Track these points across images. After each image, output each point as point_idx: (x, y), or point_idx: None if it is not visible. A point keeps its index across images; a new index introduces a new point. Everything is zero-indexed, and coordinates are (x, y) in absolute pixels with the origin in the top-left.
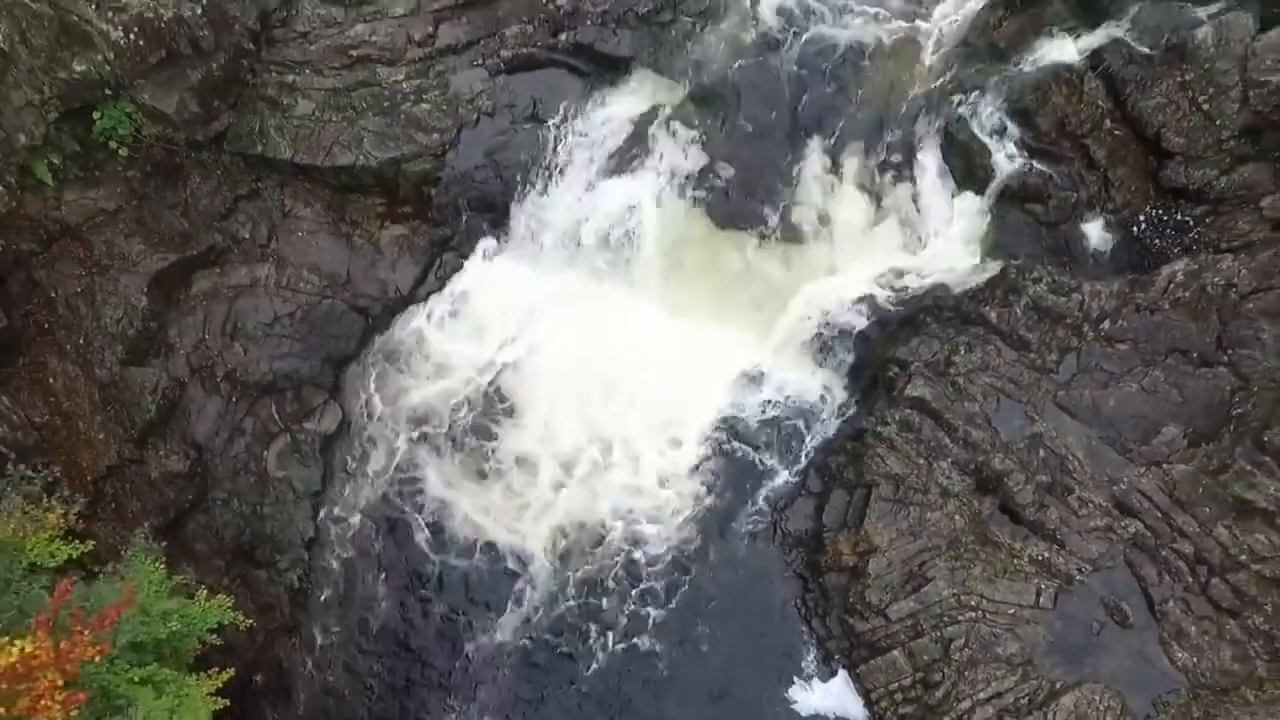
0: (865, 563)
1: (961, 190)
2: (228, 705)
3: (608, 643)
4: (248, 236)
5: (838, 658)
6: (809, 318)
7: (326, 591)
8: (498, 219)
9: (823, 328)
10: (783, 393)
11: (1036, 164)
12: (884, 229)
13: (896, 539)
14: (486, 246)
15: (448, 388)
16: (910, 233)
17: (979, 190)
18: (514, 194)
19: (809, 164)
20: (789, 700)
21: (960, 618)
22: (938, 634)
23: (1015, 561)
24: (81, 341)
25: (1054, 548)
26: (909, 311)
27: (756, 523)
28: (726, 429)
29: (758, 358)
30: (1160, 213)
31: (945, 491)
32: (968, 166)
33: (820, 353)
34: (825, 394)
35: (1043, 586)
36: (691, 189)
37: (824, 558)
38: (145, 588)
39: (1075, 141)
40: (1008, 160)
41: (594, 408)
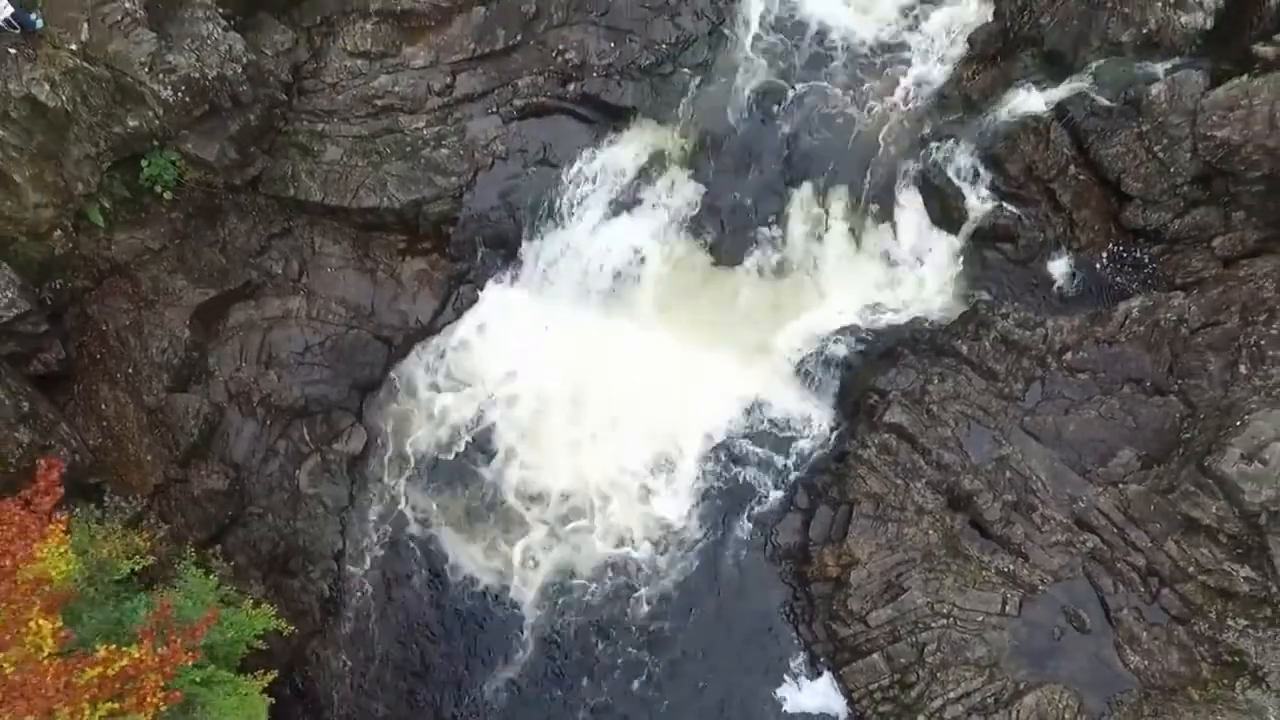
0: (848, 574)
1: (938, 230)
2: (272, 704)
3: (609, 644)
4: (280, 272)
5: (823, 660)
6: (798, 348)
7: (354, 598)
8: (511, 255)
9: (810, 357)
10: (774, 417)
11: (1007, 206)
12: (867, 266)
13: (876, 552)
14: (500, 280)
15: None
16: (890, 270)
17: (954, 230)
18: (526, 232)
19: (797, 205)
20: (779, 699)
21: (933, 624)
22: (913, 639)
23: (984, 573)
24: (130, 370)
25: (1019, 560)
26: (888, 343)
27: (749, 536)
28: (721, 449)
29: (751, 384)
30: (1121, 251)
31: (920, 509)
32: (944, 208)
33: (808, 380)
34: (812, 418)
35: (1008, 596)
36: (689, 228)
37: (810, 569)
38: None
39: (1042, 186)
40: (980, 203)
41: (597, 427)
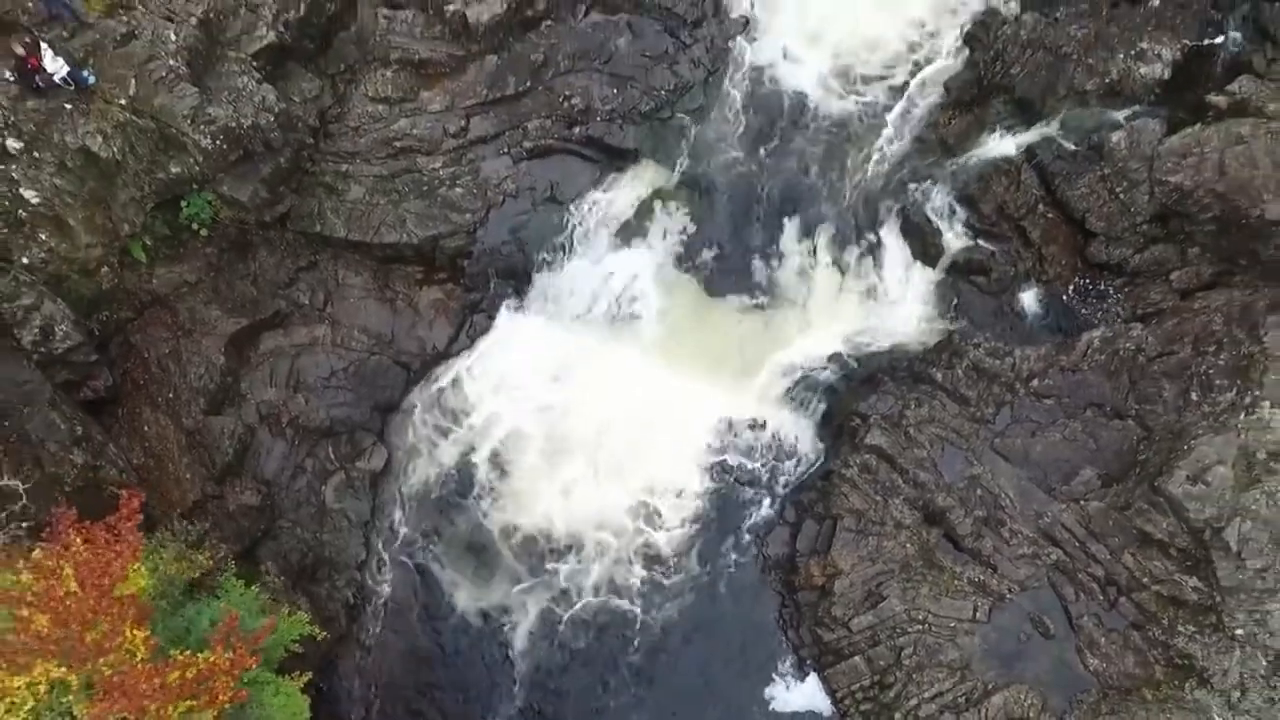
0: (832, 583)
1: (917, 265)
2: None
3: (610, 645)
4: (307, 302)
5: (809, 662)
6: (786, 374)
7: (375, 605)
8: (520, 286)
9: (798, 383)
10: (765, 438)
11: (981, 242)
12: (850, 298)
13: (858, 563)
14: (511, 309)
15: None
16: (873, 301)
17: (932, 264)
18: (534, 265)
19: (786, 241)
20: (768, 698)
21: (910, 629)
22: (891, 643)
23: (956, 582)
24: (170, 394)
25: (988, 571)
26: (870, 370)
27: (741, 548)
28: (716, 467)
29: (743, 407)
30: (1087, 283)
31: (898, 524)
32: (922, 244)
33: (796, 404)
34: (799, 439)
35: (979, 604)
36: (686, 261)
37: (798, 578)
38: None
39: (1014, 223)
40: (956, 239)
41: (599, 443)
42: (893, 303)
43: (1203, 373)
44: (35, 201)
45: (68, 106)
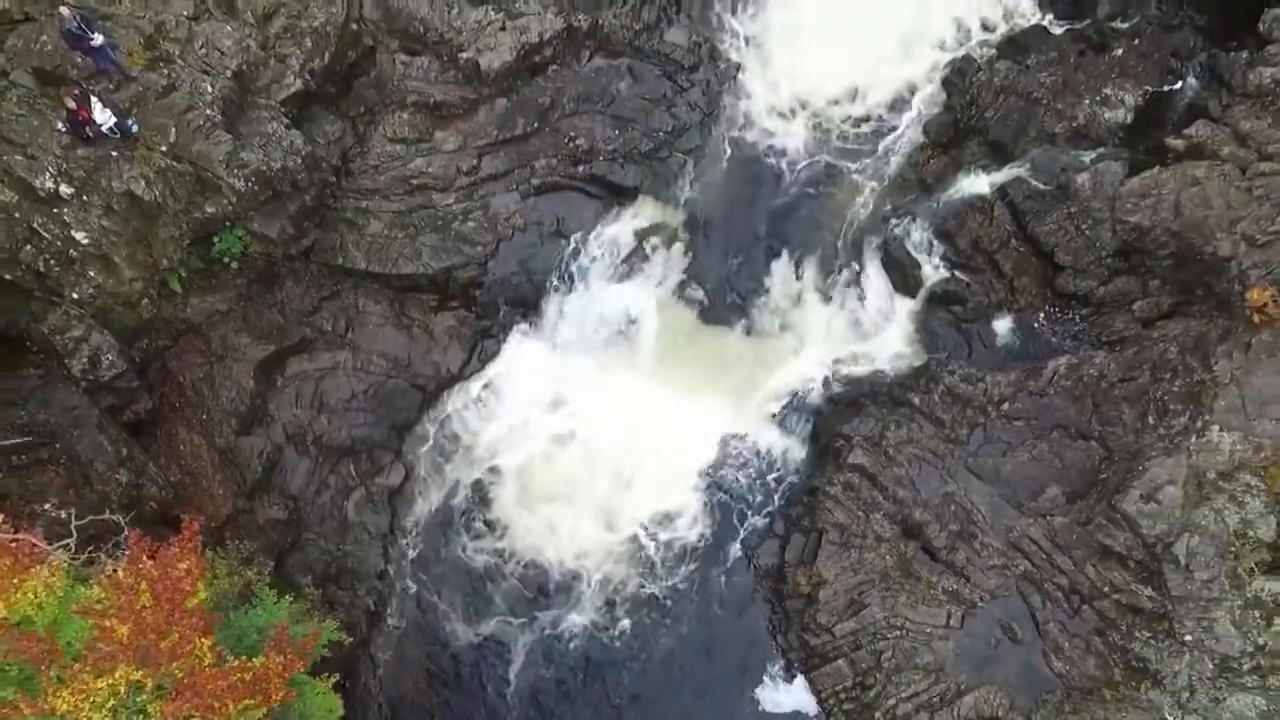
0: (817, 592)
1: (898, 295)
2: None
3: (612, 645)
4: (330, 329)
5: (796, 665)
6: (776, 397)
7: (394, 612)
8: (528, 313)
9: (787, 405)
10: (756, 456)
11: (957, 274)
12: (836, 326)
13: (841, 573)
14: (519, 335)
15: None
16: (857, 329)
17: (911, 295)
18: (542, 294)
19: (776, 272)
20: (758, 699)
21: (889, 635)
22: (872, 647)
23: (932, 591)
24: (204, 416)
25: (962, 581)
26: (853, 394)
27: (733, 559)
28: (711, 484)
29: (735, 428)
30: (1056, 312)
31: (879, 537)
32: (902, 276)
33: (785, 425)
34: (788, 458)
35: (953, 611)
36: (683, 291)
37: (786, 587)
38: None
39: (987, 256)
40: (934, 271)
41: (601, 460)
42: (875, 331)
43: (1159, 398)
44: (85, 242)
45: (114, 154)
